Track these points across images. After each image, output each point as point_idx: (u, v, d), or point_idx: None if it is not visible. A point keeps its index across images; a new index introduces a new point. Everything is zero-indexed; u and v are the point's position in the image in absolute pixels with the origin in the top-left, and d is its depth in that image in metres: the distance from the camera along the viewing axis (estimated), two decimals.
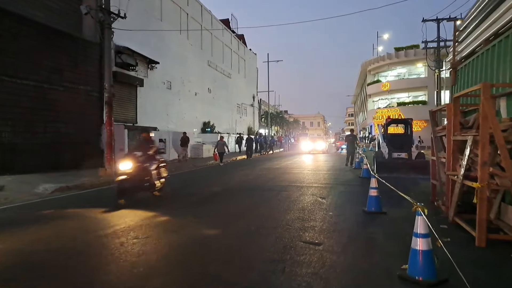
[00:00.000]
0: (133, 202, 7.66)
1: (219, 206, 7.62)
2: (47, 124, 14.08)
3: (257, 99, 43.13)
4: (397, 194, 5.11)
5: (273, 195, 8.92)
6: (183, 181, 12.14)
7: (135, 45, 18.83)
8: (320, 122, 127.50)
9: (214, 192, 9.56)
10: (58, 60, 14.53)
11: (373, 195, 6.84)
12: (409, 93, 48.88)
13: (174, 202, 8.18)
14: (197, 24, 27.47)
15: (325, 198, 8.41)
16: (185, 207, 7.56)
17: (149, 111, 20.55)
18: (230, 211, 7.15)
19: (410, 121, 13.98)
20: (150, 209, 7.14)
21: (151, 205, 7.57)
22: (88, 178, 12.04)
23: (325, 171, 15.12)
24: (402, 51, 48.07)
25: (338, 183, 11.12)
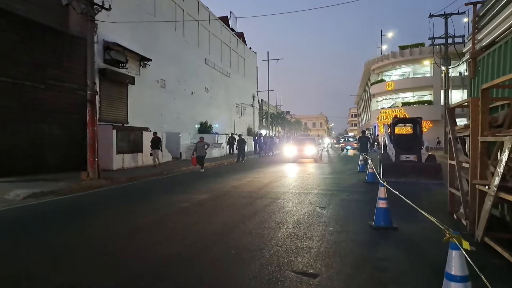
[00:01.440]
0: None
1: (199, 218, 6.55)
2: (29, 124, 13.07)
3: (257, 99, 42.05)
4: (404, 203, 4.41)
5: (266, 203, 7.83)
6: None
7: (126, 42, 17.85)
8: (323, 123, 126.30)
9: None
10: (40, 56, 13.54)
11: (381, 207, 5.74)
12: (414, 92, 47.73)
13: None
14: (194, 21, 26.44)
15: (325, 208, 7.31)
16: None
17: (141, 110, 19.54)
18: (215, 221, 6.08)
19: (420, 120, 12.84)
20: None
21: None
22: (67, 183, 11.02)
23: (326, 175, 14.01)
24: (407, 50, 46.93)
25: (340, 190, 10.00)
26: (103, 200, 8.99)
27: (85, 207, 8.02)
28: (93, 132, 12.14)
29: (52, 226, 6.11)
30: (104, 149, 15.45)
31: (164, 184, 11.91)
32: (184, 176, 14.15)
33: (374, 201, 5.94)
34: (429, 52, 41.24)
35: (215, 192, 9.56)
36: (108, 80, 16.77)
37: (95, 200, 8.99)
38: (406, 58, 47.13)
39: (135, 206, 7.86)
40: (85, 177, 11.96)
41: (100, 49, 16.40)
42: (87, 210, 7.58)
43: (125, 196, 9.66)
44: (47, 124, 13.80)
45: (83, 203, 8.52)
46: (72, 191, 10.24)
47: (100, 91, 16.53)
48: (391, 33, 56.61)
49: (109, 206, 8.04)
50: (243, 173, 14.48)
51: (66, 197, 9.26)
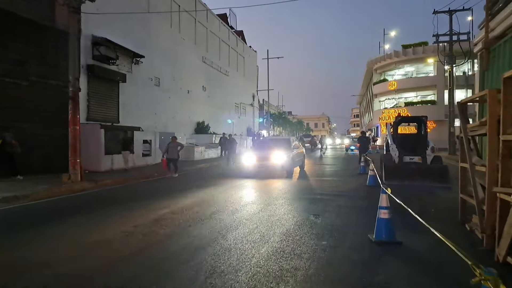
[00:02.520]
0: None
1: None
2: (9, 123, 12.30)
3: (257, 98, 41.23)
4: (412, 210, 3.84)
5: (248, 220, 7.03)
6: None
7: (118, 38, 17.09)
8: (325, 123, 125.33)
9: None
10: (23, 52, 12.81)
11: (383, 217, 4.92)
12: (417, 92, 46.87)
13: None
14: (190, 18, 25.69)
15: (319, 217, 6.49)
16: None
17: (133, 109, 18.77)
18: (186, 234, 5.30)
19: (424, 119, 11.99)
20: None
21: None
22: (47, 186, 10.27)
23: (324, 177, 13.20)
24: (410, 49, 46.07)
25: (338, 194, 9.17)
26: (76, 206, 8.20)
27: (52, 215, 7.23)
28: (75, 132, 11.39)
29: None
30: (92, 150, 14.71)
31: (145, 190, 11.14)
32: (152, 184, 13.00)
33: (376, 207, 5.14)
34: (433, 51, 40.31)
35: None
36: (96, 77, 16.01)
37: (68, 206, 8.22)
38: (409, 57, 46.26)
39: (108, 214, 7.07)
40: (66, 180, 11.21)
41: (88, 45, 15.66)
42: (52, 219, 6.79)
43: (103, 202, 8.87)
44: (30, 123, 13.04)
45: (52, 210, 7.75)
46: (50, 195, 9.50)
47: (88, 88, 15.83)
48: (394, 32, 55.69)
49: (78, 215, 7.25)
50: (218, 182, 13.64)
51: (39, 202, 8.51)
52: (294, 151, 14.20)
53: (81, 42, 15.22)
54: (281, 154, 13.05)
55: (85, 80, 15.50)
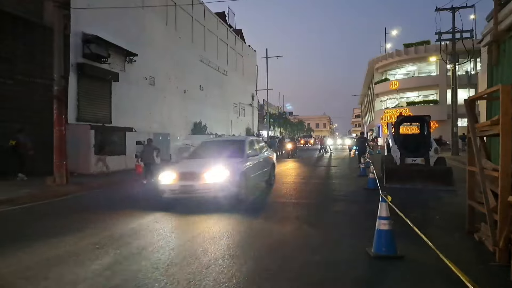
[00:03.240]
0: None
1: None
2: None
3: (256, 98, 40.66)
4: (412, 217, 3.95)
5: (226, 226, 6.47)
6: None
7: (110, 35, 16.57)
8: (326, 124, 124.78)
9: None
10: (8, 49, 12.33)
11: (383, 228, 4.35)
12: (419, 92, 46.29)
13: None
14: (187, 15, 25.16)
15: (314, 226, 5.93)
16: None
17: (127, 109, 18.23)
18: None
19: (427, 118, 11.42)
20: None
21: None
22: (29, 190, 9.74)
23: (321, 180, 12.62)
24: (411, 48, 45.47)
25: (335, 199, 8.61)
26: (54, 213, 7.66)
27: (22, 223, 6.69)
28: (60, 133, 10.86)
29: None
30: (81, 151, 14.21)
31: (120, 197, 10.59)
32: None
33: (374, 214, 4.57)
34: (435, 50, 39.72)
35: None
36: (87, 76, 15.48)
37: (45, 212, 7.67)
38: (411, 57, 45.67)
39: (82, 223, 6.53)
40: (51, 183, 10.70)
41: (78, 42, 15.13)
42: (20, 229, 6.26)
43: (82, 208, 8.33)
44: (15, 123, 12.49)
45: (24, 217, 7.20)
46: (33, 199, 8.97)
47: (78, 88, 15.30)
48: (396, 31, 54.94)
49: (51, 222, 6.71)
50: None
51: (24, 206, 8.03)
52: (250, 162, 8.84)
53: (71, 40, 14.80)
54: (220, 169, 7.48)
55: (75, 79, 14.99)
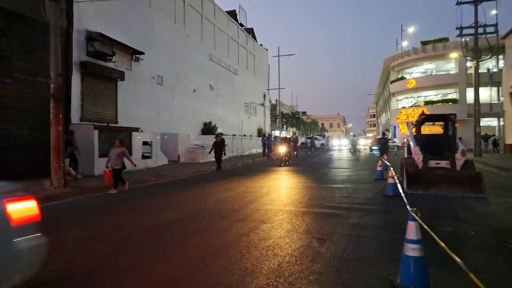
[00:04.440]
0: None
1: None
2: None
3: (268, 98, 39.79)
4: (441, 233, 3.48)
5: (242, 233, 5.67)
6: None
7: (116, 33, 16.01)
8: (340, 124, 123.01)
9: None
10: (5, 47, 11.79)
11: (412, 255, 3.49)
12: (437, 90, 44.74)
13: None
14: (196, 13, 24.51)
15: (325, 242, 5.08)
16: None
17: (133, 109, 17.66)
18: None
19: (453, 117, 10.40)
20: None
21: None
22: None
23: (334, 184, 11.72)
24: (429, 45, 43.97)
25: (351, 208, 7.70)
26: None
27: None
28: (57, 133, 10.26)
29: None
30: (85, 152, 13.60)
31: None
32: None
33: (397, 227, 3.72)
34: (454, 47, 38.19)
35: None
36: (91, 74, 14.93)
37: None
38: (429, 54, 44.16)
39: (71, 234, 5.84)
40: (48, 186, 10.12)
41: (82, 40, 14.59)
42: None
43: (75, 215, 7.67)
44: (14, 123, 12.03)
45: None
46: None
47: (82, 87, 14.76)
48: (412, 28, 53.19)
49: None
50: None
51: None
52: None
53: (74, 37, 14.27)
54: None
55: (78, 77, 14.46)
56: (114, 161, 10.21)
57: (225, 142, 17.45)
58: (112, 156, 10.35)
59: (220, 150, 16.73)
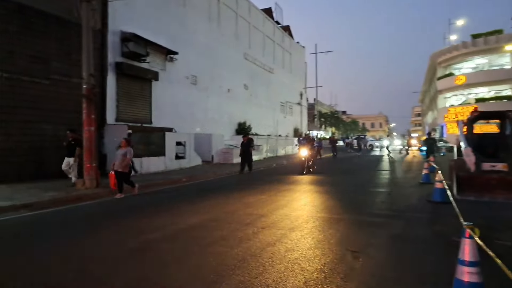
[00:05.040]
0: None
1: None
2: (27, 124, 11.62)
3: (305, 96, 38.85)
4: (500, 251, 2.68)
5: (267, 242, 5.13)
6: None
7: (149, 33, 16.05)
8: (382, 123, 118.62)
9: None
10: (42, 48, 12.09)
11: (468, 280, 2.79)
12: (490, 87, 41.56)
13: None
14: (231, 12, 24.27)
15: (360, 256, 4.41)
16: None
17: (168, 109, 17.67)
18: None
19: (511, 114, 9.21)
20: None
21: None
22: (56, 193, 9.25)
23: (374, 188, 10.84)
24: (480, 38, 40.95)
25: (392, 216, 6.90)
26: (64, 221, 6.88)
27: (21, 234, 5.92)
28: (90, 133, 10.29)
29: None
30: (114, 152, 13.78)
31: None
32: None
33: (446, 240, 3.01)
34: (509, 40, 35.30)
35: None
36: (125, 75, 15.06)
37: (56, 220, 6.92)
38: (480, 48, 41.11)
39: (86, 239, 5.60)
40: (80, 186, 10.18)
41: (117, 41, 14.74)
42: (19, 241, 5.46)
43: (97, 216, 7.50)
44: (51, 124, 12.30)
45: (30, 226, 6.46)
46: (57, 203, 8.45)
47: (117, 87, 14.93)
48: (461, 21, 49.87)
49: (57, 232, 5.87)
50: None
51: (42, 212, 7.49)
52: None
53: (109, 39, 14.46)
54: None
55: (113, 78, 14.62)
56: (119, 163, 9.26)
57: (253, 142, 16.67)
58: (117, 157, 9.44)
59: (248, 151, 15.91)
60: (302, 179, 13.20)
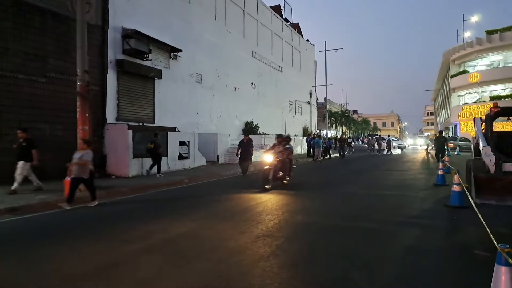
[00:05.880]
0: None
1: None
2: (22, 124, 11.20)
3: (315, 95, 38.05)
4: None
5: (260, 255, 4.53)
6: None
7: (153, 30, 15.59)
8: (394, 122, 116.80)
9: None
10: (39, 46, 11.68)
11: None
12: (505, 84, 40.20)
13: None
14: (238, 9, 23.70)
15: (367, 273, 3.80)
16: None
17: (172, 108, 17.21)
18: None
19: None
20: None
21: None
22: (46, 196, 8.82)
23: (386, 192, 10.15)
24: (496, 35, 39.68)
25: (404, 223, 6.22)
26: (46, 228, 6.40)
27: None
28: (84, 133, 9.82)
29: None
30: (119, 153, 13.35)
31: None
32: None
33: (468, 252, 2.44)
34: None
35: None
36: (127, 73, 14.61)
37: (37, 226, 6.44)
38: (495, 45, 39.81)
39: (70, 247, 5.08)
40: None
41: (118, 38, 14.30)
42: None
43: (92, 221, 7.00)
44: (48, 123, 11.92)
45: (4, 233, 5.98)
46: (46, 207, 7.97)
47: (118, 85, 14.48)
48: (476, 17, 48.42)
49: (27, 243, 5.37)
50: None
51: (25, 217, 6.97)
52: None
53: (110, 35, 14.01)
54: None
55: (114, 76, 14.19)
56: (77, 168, 7.82)
57: (252, 143, 15.73)
58: (74, 160, 7.94)
59: (249, 151, 15.11)
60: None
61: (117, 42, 14.31)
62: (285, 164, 10.73)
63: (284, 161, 10.68)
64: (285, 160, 10.75)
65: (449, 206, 7.28)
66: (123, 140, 13.29)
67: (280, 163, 10.49)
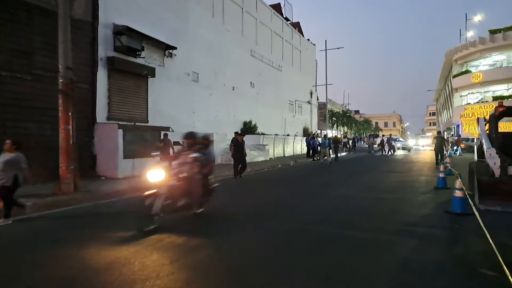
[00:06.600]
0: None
1: None
2: (6, 123, 10.82)
3: (315, 95, 37.53)
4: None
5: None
6: None
7: (147, 27, 15.17)
8: (396, 122, 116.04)
9: None
10: (25, 42, 11.26)
11: None
12: (508, 84, 39.62)
13: None
14: (237, 7, 23.26)
15: None
16: None
17: (166, 108, 16.77)
18: None
19: None
20: None
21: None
22: (24, 200, 8.36)
23: (382, 194, 9.67)
24: (499, 34, 39.14)
25: (400, 231, 5.72)
26: (19, 239, 5.96)
27: None
28: (66, 133, 9.41)
29: None
30: (109, 153, 12.92)
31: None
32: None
33: (471, 269, 2.01)
34: None
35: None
36: (118, 71, 14.17)
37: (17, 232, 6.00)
38: (498, 44, 39.25)
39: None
40: (57, 191, 9.28)
41: (109, 34, 13.88)
42: None
43: (73, 226, 6.57)
44: (35, 123, 11.49)
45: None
46: (19, 213, 7.44)
47: (109, 84, 14.06)
48: (479, 16, 47.74)
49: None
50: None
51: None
52: None
53: (100, 32, 13.58)
54: None
55: (104, 74, 13.76)
56: (2, 176, 6.47)
57: (244, 144, 14.68)
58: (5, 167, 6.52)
59: (243, 152, 14.20)
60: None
61: (108, 39, 13.89)
62: (193, 183, 6.34)
63: (192, 179, 6.30)
64: (193, 177, 6.32)
65: (450, 212, 6.78)
66: (113, 140, 12.87)
67: (184, 183, 6.16)
